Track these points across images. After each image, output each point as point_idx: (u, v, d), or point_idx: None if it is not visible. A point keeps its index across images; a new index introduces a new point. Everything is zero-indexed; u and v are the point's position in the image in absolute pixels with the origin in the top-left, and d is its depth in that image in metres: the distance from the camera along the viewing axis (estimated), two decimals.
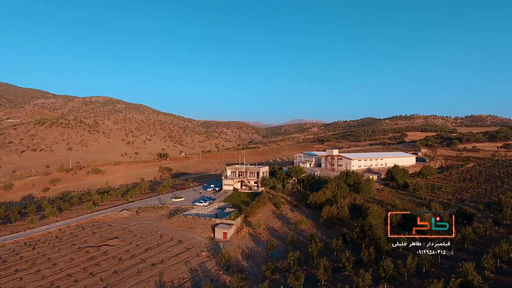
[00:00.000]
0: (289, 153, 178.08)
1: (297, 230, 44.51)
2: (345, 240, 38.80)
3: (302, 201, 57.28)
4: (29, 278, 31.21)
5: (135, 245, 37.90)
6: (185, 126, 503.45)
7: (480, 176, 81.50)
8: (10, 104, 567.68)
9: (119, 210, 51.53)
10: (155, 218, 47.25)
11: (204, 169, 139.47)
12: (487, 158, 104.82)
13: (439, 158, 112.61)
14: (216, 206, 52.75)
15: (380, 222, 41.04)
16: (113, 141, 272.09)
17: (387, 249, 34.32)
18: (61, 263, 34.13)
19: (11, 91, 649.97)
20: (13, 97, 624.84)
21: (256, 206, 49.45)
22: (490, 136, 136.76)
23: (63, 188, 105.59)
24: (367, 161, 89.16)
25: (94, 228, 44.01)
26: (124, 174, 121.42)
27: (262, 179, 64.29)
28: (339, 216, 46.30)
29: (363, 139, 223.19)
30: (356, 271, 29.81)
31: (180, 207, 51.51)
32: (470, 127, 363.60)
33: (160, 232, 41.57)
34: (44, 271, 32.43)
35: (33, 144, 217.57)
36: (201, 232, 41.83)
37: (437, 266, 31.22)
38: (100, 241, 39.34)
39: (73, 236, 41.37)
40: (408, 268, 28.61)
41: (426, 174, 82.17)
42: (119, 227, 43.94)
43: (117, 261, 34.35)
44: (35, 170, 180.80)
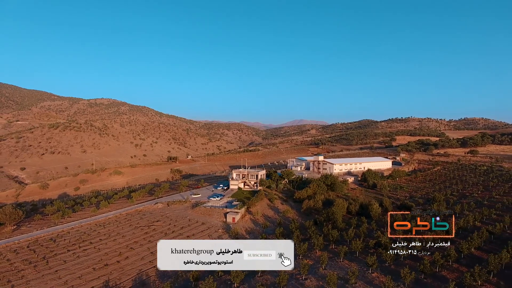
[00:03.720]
0: (287, 156, 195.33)
1: (284, 216, 62.54)
2: (316, 222, 56.74)
3: (290, 197, 75.31)
4: (111, 244, 49.22)
5: (173, 225, 55.90)
6: (188, 128, 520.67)
7: (439, 178, 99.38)
8: (17, 106, 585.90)
9: (154, 203, 69.52)
10: (182, 209, 65.24)
11: (210, 171, 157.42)
12: (454, 162, 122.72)
13: (414, 162, 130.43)
14: (226, 200, 70.72)
15: (342, 210, 58.95)
16: (122, 143, 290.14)
17: (341, 227, 52.28)
18: (127, 235, 52.14)
19: (17, 93, 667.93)
20: (20, 99, 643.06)
21: (255, 200, 67.34)
22: (463, 143, 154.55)
23: (91, 187, 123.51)
24: (348, 165, 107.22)
25: (140, 215, 62.08)
26: (141, 175, 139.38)
27: (260, 180, 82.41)
28: (315, 207, 64.32)
29: (355, 142, 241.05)
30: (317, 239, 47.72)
31: (199, 201, 69.46)
32: (460, 130, 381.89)
33: (188, 217, 59.58)
34: (118, 240, 50.46)
35: (51, 147, 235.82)
36: (217, 217, 59.84)
37: (370, 236, 49.12)
38: (148, 223, 57.39)
39: (128, 220, 59.40)
40: (349, 236, 46.59)
41: (395, 176, 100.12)
42: (158, 214, 62.00)
43: (163, 234, 52.33)
44: (56, 171, 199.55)
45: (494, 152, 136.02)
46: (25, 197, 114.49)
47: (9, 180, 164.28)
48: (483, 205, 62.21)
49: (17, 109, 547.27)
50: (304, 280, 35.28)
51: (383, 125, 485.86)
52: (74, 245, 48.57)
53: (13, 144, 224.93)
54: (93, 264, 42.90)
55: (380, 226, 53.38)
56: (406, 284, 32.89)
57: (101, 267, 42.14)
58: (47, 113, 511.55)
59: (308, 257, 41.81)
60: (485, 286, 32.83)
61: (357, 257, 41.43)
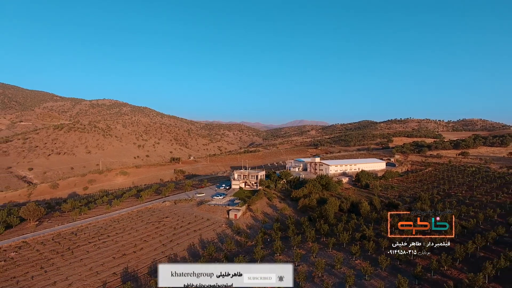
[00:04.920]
0: (286, 157, 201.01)
1: (282, 214, 68.40)
2: (310, 219, 62.58)
3: (288, 196, 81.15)
4: (127, 237, 55.08)
5: (181, 221, 61.75)
6: (189, 129, 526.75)
7: (429, 178, 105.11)
8: (20, 107, 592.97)
9: (162, 202, 75.37)
10: (189, 206, 71.12)
11: (212, 171, 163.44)
12: (445, 163, 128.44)
13: (407, 163, 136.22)
14: (228, 199, 76.58)
15: (334, 208, 64.72)
16: (126, 144, 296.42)
17: (333, 223, 58.11)
18: (140, 230, 58.00)
19: (19, 93, 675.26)
20: (22, 100, 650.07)
21: (255, 199, 73.15)
22: (455, 144, 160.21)
23: (99, 187, 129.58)
24: (343, 167, 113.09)
25: (150, 212, 67.98)
26: (146, 176, 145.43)
27: (260, 181, 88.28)
28: (310, 205, 70.16)
29: (353, 144, 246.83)
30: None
31: (204, 200, 75.33)
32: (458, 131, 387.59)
33: (194, 214, 65.46)
34: (133, 234, 56.35)
35: (56, 148, 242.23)
36: (220, 214, 65.69)
37: (357, 230, 54.92)
38: (158, 219, 63.27)
39: (139, 217, 65.28)
40: (338, 230, 52.41)
41: (387, 177, 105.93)
42: (167, 211, 67.89)
43: (173, 229, 58.20)
44: (62, 172, 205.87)
45: (485, 154, 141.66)
46: (36, 196, 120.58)
47: (18, 180, 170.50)
48: (464, 203, 67.96)
49: (20, 110, 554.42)
50: (297, 266, 41.10)
51: (382, 126, 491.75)
52: (94, 238, 54.47)
53: (20, 145, 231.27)
54: (112, 254, 48.79)
55: (367, 222, 59.18)
56: (382, 268, 38.82)
57: (120, 256, 48.04)
58: (49, 113, 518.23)
59: (301, 248, 47.69)
60: (450, 270, 38.69)
61: (344, 247, 47.28)
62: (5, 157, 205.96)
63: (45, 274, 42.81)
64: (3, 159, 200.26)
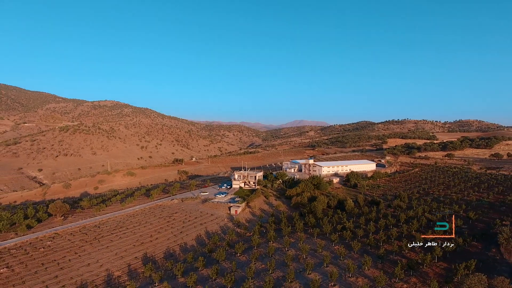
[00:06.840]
0: (284, 158, 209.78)
1: (277, 210, 77.59)
2: (301, 214, 71.76)
3: (282, 194, 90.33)
4: (143, 229, 64.29)
5: (188, 216, 70.97)
6: (190, 130, 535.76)
7: (414, 179, 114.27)
8: (23, 108, 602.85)
9: (170, 200, 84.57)
10: (194, 204, 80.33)
11: (213, 172, 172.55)
12: (431, 165, 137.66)
13: (397, 164, 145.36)
14: (229, 197, 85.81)
15: (322, 205, 73.84)
16: (129, 146, 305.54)
17: (320, 217, 67.32)
18: (154, 223, 67.19)
19: (22, 95, 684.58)
20: (25, 101, 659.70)
21: (253, 197, 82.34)
22: (443, 146, 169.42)
23: (108, 187, 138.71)
24: (335, 168, 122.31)
25: (161, 208, 77.19)
26: (151, 176, 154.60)
27: (258, 181, 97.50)
28: (302, 202, 79.34)
29: (349, 145, 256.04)
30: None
31: (207, 198, 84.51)
32: (453, 132, 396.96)
33: (200, 210, 74.67)
34: (148, 226, 65.57)
35: (63, 149, 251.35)
36: (222, 210, 74.92)
37: (339, 222, 64.11)
38: (169, 214, 72.50)
39: (152, 212, 74.50)
40: (323, 223, 61.63)
41: (376, 177, 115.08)
42: (175, 208, 77.11)
43: (182, 222, 67.44)
44: (70, 172, 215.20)
45: (469, 155, 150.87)
46: (51, 195, 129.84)
47: (29, 180, 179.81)
48: (438, 201, 77.19)
49: (23, 111, 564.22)
50: (286, 251, 50.34)
51: (380, 127, 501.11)
52: (115, 230, 63.68)
53: (28, 147, 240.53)
54: (132, 242, 58.01)
55: (350, 216, 68.40)
56: (355, 252, 48.07)
57: (139, 244, 57.26)
58: (52, 115, 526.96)
59: (291, 237, 56.89)
60: (409, 253, 47.90)
61: (327, 237, 56.47)
62: (15, 158, 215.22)
63: (79, 258, 52.12)
64: (14, 160, 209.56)
